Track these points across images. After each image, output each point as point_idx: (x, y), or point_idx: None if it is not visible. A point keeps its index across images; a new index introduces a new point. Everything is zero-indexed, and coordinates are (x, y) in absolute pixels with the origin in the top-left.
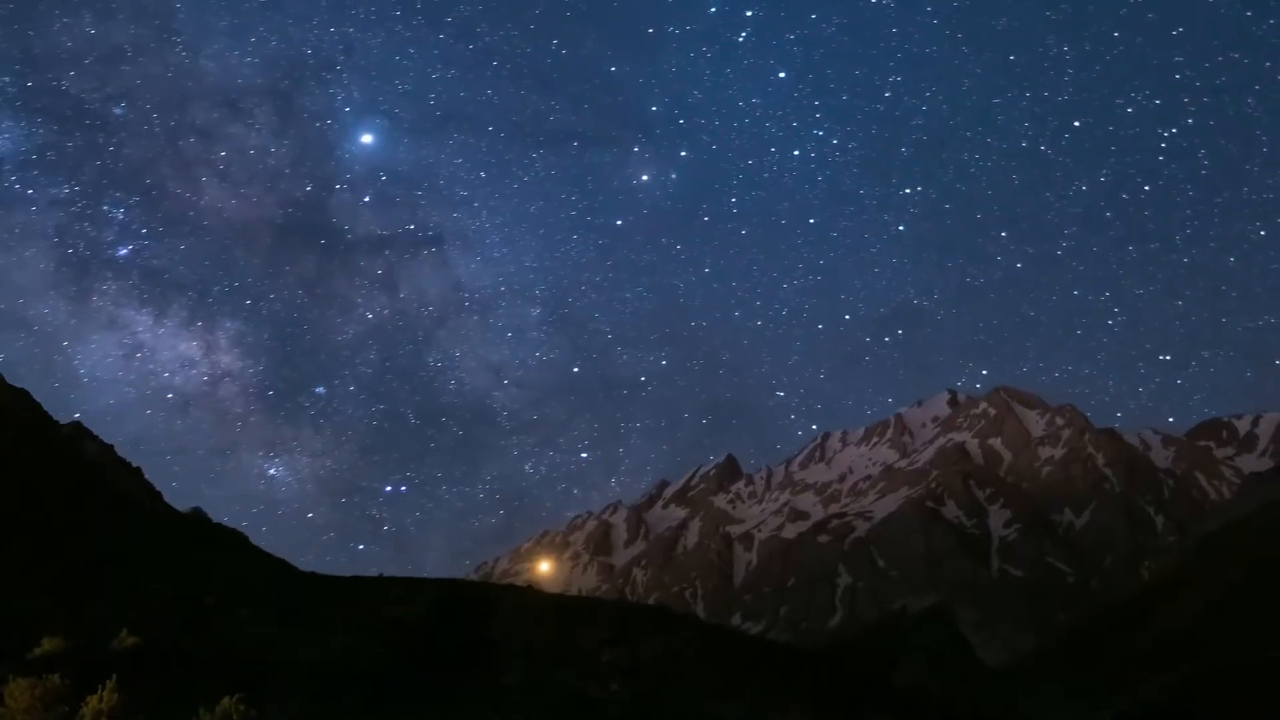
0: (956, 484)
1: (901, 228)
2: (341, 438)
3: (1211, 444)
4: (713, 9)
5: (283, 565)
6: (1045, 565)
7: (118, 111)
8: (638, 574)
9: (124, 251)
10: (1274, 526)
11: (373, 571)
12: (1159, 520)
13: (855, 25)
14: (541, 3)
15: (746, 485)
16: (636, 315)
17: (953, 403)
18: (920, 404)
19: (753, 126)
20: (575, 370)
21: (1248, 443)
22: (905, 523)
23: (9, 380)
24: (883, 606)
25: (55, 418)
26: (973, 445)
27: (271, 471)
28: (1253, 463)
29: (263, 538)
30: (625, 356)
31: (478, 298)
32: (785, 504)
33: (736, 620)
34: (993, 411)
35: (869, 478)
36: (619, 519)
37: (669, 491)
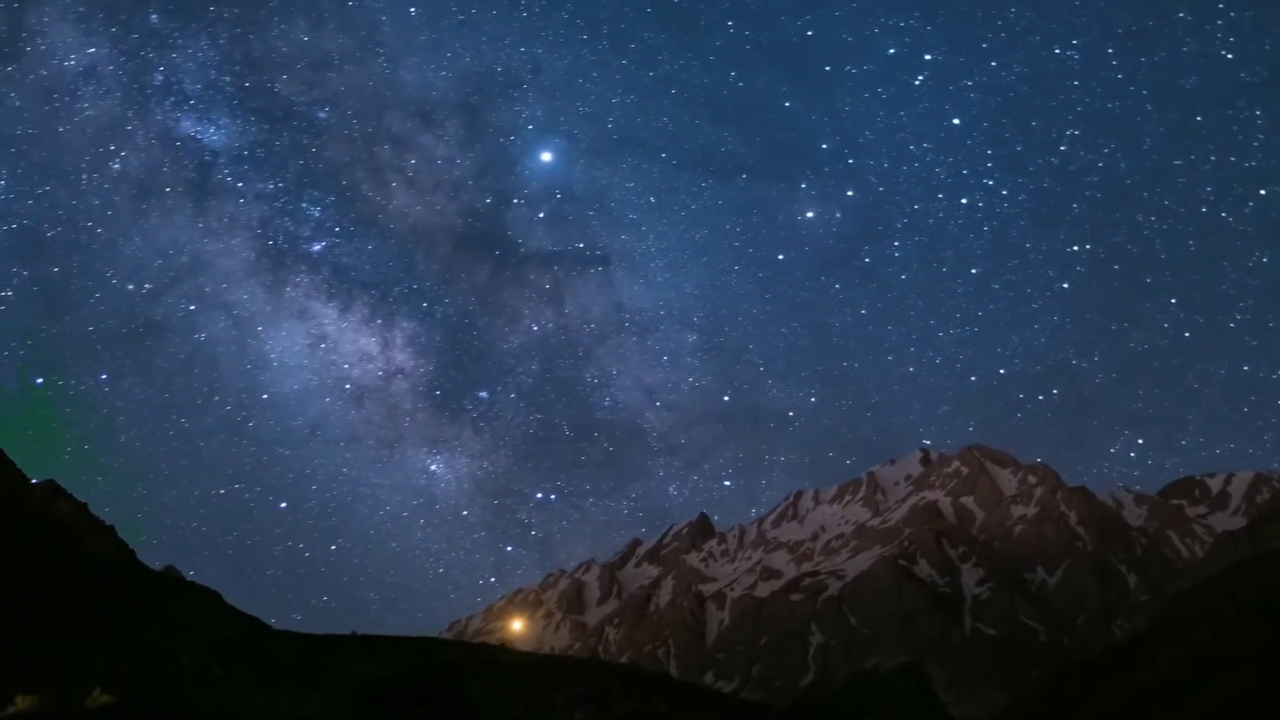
0: (929, 542)
1: (1066, 285)
2: (499, 442)
3: (1184, 502)
4: (891, 50)
5: (256, 624)
6: (1018, 623)
7: (322, 115)
8: (610, 633)
9: (317, 247)
10: (1246, 585)
11: (347, 630)
12: (1131, 579)
13: (1036, 75)
14: (722, 35)
15: (719, 544)
16: (790, 350)
17: (925, 461)
18: (892, 462)
19: (921, 171)
20: (725, 399)
21: (1220, 501)
22: (877, 581)
23: None
24: (855, 664)
25: (30, 476)
26: (945, 503)
27: (433, 467)
28: (1225, 521)
29: (419, 529)
30: (775, 390)
31: (638, 319)
32: (758, 562)
33: (709, 679)
34: (965, 470)
35: (841, 536)
36: (591, 577)
37: (641, 550)
